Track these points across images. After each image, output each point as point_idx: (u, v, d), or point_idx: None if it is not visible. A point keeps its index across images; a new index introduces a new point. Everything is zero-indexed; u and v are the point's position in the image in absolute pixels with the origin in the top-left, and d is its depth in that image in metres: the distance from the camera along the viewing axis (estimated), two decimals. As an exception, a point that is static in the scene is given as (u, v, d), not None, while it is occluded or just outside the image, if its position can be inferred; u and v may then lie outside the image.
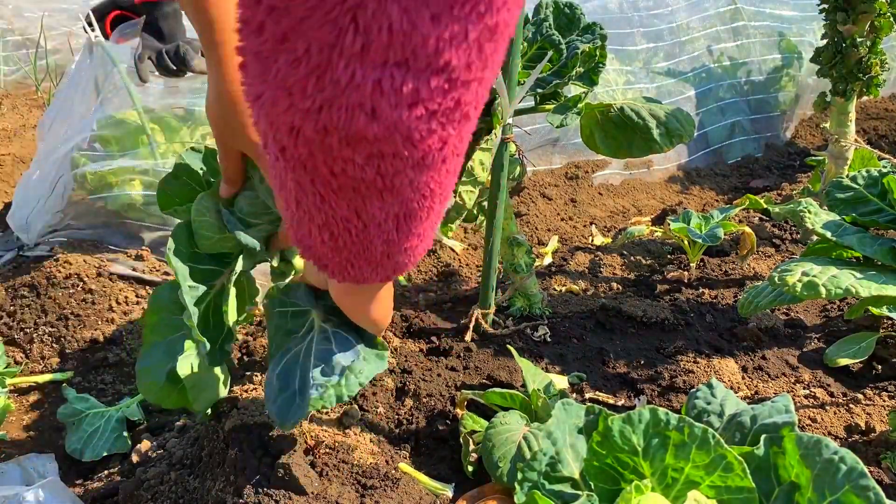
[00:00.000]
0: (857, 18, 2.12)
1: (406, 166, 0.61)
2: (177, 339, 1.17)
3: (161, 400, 1.16)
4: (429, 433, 1.33)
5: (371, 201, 0.65)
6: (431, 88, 0.55)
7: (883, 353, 1.68)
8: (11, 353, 1.89)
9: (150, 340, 1.17)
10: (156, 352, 1.16)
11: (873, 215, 1.49)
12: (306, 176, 0.63)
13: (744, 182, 3.25)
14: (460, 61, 0.54)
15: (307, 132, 0.57)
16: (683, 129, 1.53)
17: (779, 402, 0.85)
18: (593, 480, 0.83)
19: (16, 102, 4.17)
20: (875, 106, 3.75)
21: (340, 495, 1.09)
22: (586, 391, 1.50)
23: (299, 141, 0.58)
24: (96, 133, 2.15)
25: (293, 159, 0.61)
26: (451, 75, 0.55)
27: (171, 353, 1.16)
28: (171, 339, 1.17)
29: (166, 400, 1.16)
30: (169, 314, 1.17)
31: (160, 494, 1.26)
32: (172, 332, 1.17)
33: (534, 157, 3.05)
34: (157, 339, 1.16)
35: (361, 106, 0.54)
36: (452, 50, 0.53)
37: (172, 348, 1.16)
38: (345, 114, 0.55)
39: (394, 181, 0.62)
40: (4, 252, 2.23)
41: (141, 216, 2.25)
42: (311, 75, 0.53)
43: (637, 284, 2.21)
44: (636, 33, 3.36)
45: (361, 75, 0.52)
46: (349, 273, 0.78)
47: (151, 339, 1.17)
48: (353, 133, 0.56)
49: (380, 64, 0.52)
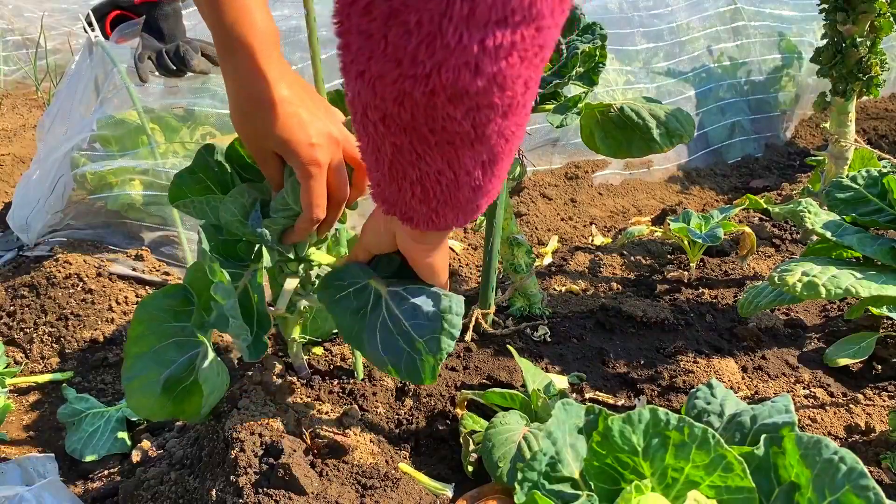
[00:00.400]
0: (857, 18, 2.12)
1: (496, 114, 0.67)
2: (167, 346, 1.15)
3: (154, 413, 1.14)
4: (429, 433, 1.33)
5: (464, 152, 0.71)
6: (525, 37, 0.61)
7: (883, 353, 1.68)
8: (11, 353, 1.89)
9: (135, 352, 1.14)
10: (144, 362, 1.14)
11: (873, 215, 1.49)
12: (406, 137, 0.69)
13: (744, 182, 3.25)
14: (547, 8, 0.60)
15: (416, 96, 0.63)
16: (683, 129, 1.53)
17: (779, 402, 0.85)
18: (593, 480, 0.83)
19: (16, 102, 4.17)
20: (875, 106, 3.75)
21: (340, 495, 1.09)
22: (586, 391, 1.50)
23: (405, 106, 0.64)
24: (96, 133, 2.15)
25: (395, 124, 0.67)
26: (539, 23, 0.61)
27: (163, 363, 1.14)
28: (160, 349, 1.15)
29: (160, 412, 1.14)
30: (159, 323, 1.16)
31: (160, 494, 1.26)
32: (161, 340, 1.15)
33: (534, 157, 3.05)
34: (143, 350, 1.15)
35: (467, 64, 0.60)
36: (545, 2, 0.60)
37: (163, 357, 1.14)
38: (453, 73, 0.60)
39: (485, 130, 0.68)
40: (4, 252, 2.23)
41: (141, 216, 2.25)
42: (421, 44, 0.59)
43: (637, 284, 2.21)
44: (636, 33, 3.36)
45: (468, 37, 0.58)
46: (434, 221, 0.84)
47: (136, 350, 1.14)
48: (459, 90, 0.62)
49: (483, 24, 0.58)
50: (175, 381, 1.15)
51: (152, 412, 1.15)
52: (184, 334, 1.17)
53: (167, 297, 1.17)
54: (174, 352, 1.16)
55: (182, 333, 1.16)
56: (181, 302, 1.18)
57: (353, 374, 1.42)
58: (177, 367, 1.16)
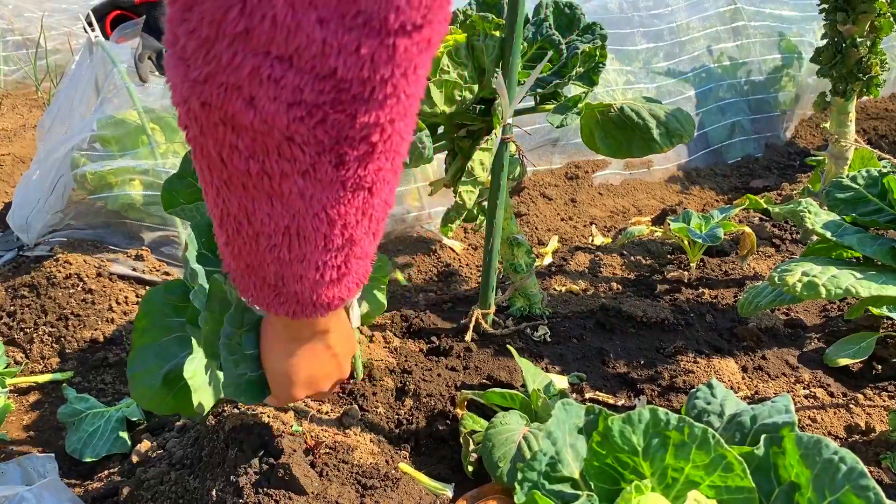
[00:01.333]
0: (857, 18, 2.12)
1: (293, 171, 0.59)
2: (170, 341, 1.15)
3: (156, 405, 1.14)
4: (429, 433, 1.33)
5: (259, 204, 0.63)
6: (316, 92, 0.54)
7: (883, 353, 1.68)
8: (11, 353, 1.89)
9: (140, 344, 1.14)
10: (146, 355, 1.14)
11: (873, 215, 1.49)
12: (203, 160, 0.62)
13: (744, 182, 3.25)
14: (351, 73, 0.54)
15: (193, 105, 0.57)
16: (683, 129, 1.53)
17: (779, 402, 0.85)
18: (593, 480, 0.83)
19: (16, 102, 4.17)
20: (875, 106, 3.74)
21: (340, 495, 1.09)
22: (586, 391, 1.50)
23: (189, 114, 0.58)
24: (96, 133, 2.15)
25: (190, 137, 0.61)
26: (339, 85, 0.54)
27: (165, 356, 1.14)
28: (163, 343, 1.15)
29: (162, 405, 1.14)
30: (161, 317, 1.16)
31: (160, 494, 1.26)
32: (164, 335, 1.15)
33: (534, 157, 3.05)
34: (148, 342, 1.14)
35: (239, 89, 0.54)
36: (340, 59, 0.53)
37: (165, 351, 1.14)
38: (223, 92, 0.55)
39: (281, 186, 0.60)
40: (4, 252, 2.23)
41: (141, 216, 2.25)
42: (201, 47, 0.53)
43: (637, 284, 2.21)
44: (636, 33, 3.36)
45: (241, 59, 0.53)
46: (251, 293, 0.73)
47: (141, 343, 1.14)
48: (232, 115, 0.56)
49: (262, 52, 0.52)
50: (176, 376, 1.15)
51: (153, 405, 1.14)
52: (184, 330, 1.16)
53: (167, 293, 1.17)
54: (176, 347, 1.16)
55: (183, 329, 1.16)
56: (180, 297, 1.17)
57: (352, 375, 1.42)
58: (178, 362, 1.15)
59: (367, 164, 0.61)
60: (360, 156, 0.60)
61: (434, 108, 1.42)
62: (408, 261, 2.43)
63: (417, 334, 1.64)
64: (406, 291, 2.19)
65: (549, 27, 1.57)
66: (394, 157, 0.63)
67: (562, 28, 1.60)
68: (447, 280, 2.31)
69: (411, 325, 1.67)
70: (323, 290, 0.71)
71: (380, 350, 1.52)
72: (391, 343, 1.57)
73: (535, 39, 1.57)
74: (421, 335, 1.63)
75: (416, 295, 2.14)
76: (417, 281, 2.31)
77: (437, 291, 2.19)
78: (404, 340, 1.61)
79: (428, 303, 1.95)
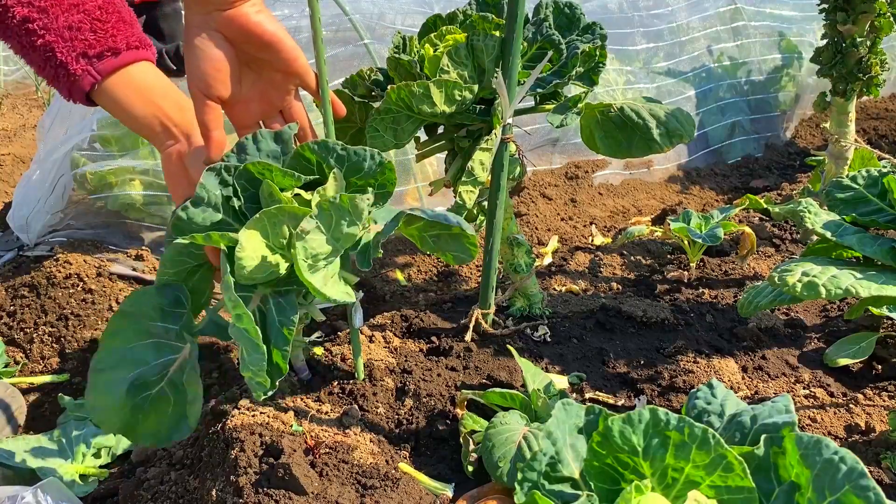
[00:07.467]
0: (857, 18, 2.12)
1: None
2: (143, 345, 1.10)
3: (108, 419, 1.06)
4: (429, 433, 1.33)
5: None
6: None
7: (883, 353, 1.68)
8: (11, 353, 1.89)
9: (108, 345, 1.08)
10: (113, 358, 1.08)
11: (873, 215, 1.49)
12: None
13: (744, 182, 3.25)
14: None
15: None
16: (683, 129, 1.53)
17: (779, 402, 0.85)
18: (593, 480, 0.83)
19: (16, 102, 4.17)
20: (875, 106, 3.75)
21: (340, 495, 1.09)
22: (586, 391, 1.50)
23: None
24: (96, 133, 2.15)
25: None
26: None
27: (133, 361, 1.08)
28: (136, 346, 1.10)
29: (114, 419, 1.07)
30: (144, 319, 1.11)
31: (160, 494, 1.26)
32: (139, 338, 1.10)
33: (534, 157, 3.05)
34: (118, 345, 1.09)
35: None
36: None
37: (135, 355, 1.09)
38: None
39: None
40: (4, 252, 2.23)
41: (141, 216, 2.25)
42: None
43: (637, 284, 2.21)
44: (636, 33, 3.36)
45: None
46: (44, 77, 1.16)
47: (109, 344, 1.09)
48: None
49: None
50: (142, 384, 1.09)
51: (106, 417, 1.07)
52: (167, 336, 1.12)
53: (159, 296, 1.13)
54: (151, 352, 1.10)
55: (165, 335, 1.12)
56: (172, 302, 1.13)
57: (353, 375, 1.42)
58: (148, 370, 1.10)
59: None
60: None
61: (434, 108, 1.42)
62: (408, 261, 2.43)
63: (417, 334, 1.64)
64: (406, 291, 2.19)
65: (549, 27, 1.57)
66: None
67: (562, 28, 1.60)
68: (447, 280, 2.31)
69: (411, 325, 1.67)
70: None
71: (380, 350, 1.52)
72: (391, 343, 1.57)
73: (535, 39, 1.57)
74: (421, 335, 1.63)
75: (416, 295, 2.14)
76: (417, 281, 2.31)
77: (437, 291, 2.19)
78: (404, 340, 1.61)
79: (428, 303, 1.95)
